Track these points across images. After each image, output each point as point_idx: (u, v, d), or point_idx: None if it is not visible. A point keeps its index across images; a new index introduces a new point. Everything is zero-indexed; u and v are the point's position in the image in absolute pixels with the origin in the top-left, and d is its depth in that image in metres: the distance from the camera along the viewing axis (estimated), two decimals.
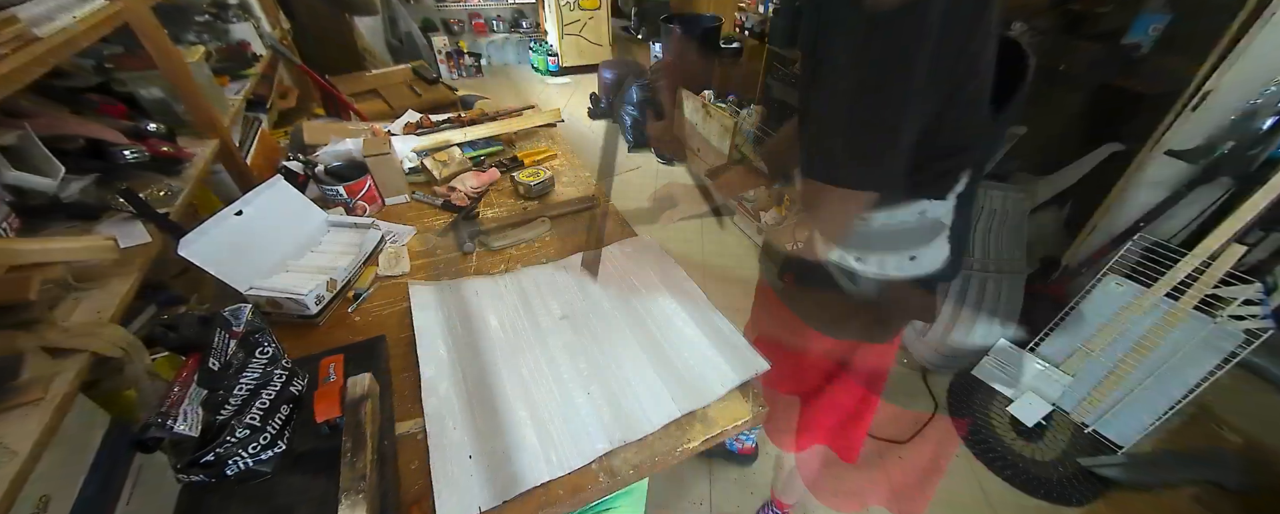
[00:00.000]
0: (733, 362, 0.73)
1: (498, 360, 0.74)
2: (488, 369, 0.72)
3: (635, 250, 0.96)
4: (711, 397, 0.68)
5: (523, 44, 4.93)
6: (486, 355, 0.74)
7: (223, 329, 0.61)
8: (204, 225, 0.78)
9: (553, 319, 0.81)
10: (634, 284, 0.87)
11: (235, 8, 1.77)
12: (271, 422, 0.62)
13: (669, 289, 0.86)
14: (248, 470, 0.59)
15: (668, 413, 0.66)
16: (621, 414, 0.66)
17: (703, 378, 0.71)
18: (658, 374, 0.71)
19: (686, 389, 0.69)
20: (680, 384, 0.70)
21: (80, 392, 0.65)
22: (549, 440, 0.63)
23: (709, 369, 0.72)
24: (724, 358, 0.73)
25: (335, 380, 0.66)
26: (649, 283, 0.88)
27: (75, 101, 1.05)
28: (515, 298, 0.85)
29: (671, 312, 0.82)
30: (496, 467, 0.60)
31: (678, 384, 0.70)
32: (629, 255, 0.95)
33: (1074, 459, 1.50)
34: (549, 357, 0.74)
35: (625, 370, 0.72)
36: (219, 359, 0.59)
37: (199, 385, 0.57)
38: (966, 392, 1.71)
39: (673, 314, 0.81)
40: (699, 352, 0.75)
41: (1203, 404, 1.49)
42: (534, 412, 0.66)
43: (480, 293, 0.86)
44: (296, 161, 1.14)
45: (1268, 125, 1.33)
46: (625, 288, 0.87)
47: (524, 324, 0.80)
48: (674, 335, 0.78)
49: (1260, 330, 1.29)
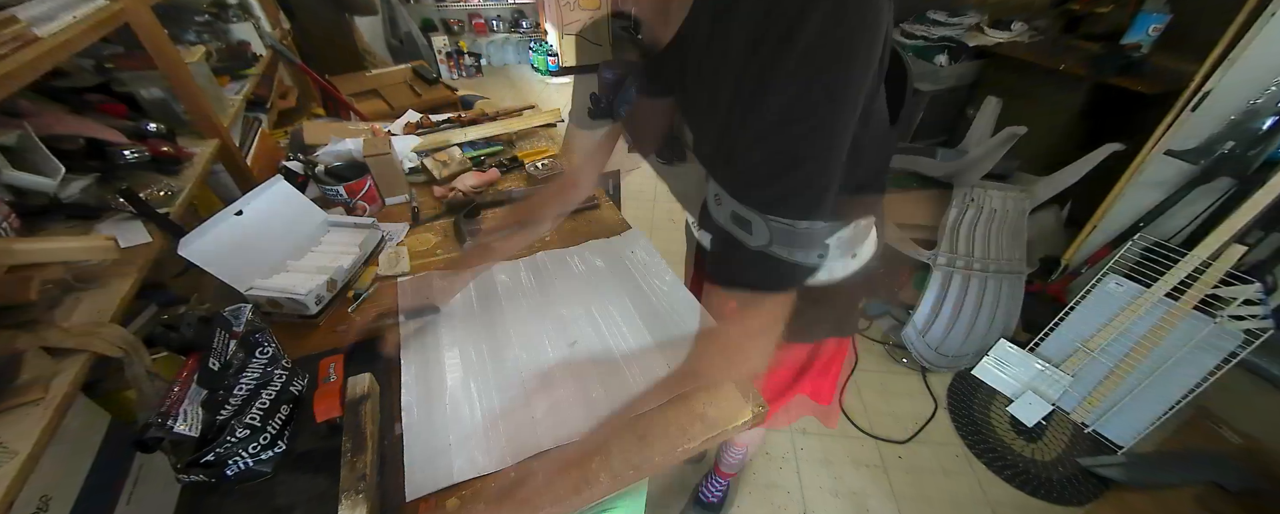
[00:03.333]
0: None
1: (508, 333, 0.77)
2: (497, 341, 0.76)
3: (623, 243, 0.97)
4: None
5: (523, 44, 4.93)
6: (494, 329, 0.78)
7: (223, 329, 0.61)
8: (204, 225, 0.77)
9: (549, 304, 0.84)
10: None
11: (235, 8, 1.77)
12: (271, 422, 0.62)
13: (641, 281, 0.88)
14: (248, 470, 0.59)
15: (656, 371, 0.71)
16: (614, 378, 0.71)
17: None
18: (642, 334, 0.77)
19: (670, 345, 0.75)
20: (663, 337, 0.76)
21: (80, 392, 0.65)
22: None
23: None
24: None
25: (335, 380, 0.66)
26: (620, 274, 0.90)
27: (75, 101, 1.05)
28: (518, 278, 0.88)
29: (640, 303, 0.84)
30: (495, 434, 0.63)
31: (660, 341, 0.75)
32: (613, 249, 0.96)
33: (1074, 459, 1.50)
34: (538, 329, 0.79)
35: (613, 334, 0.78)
36: (219, 359, 0.59)
37: (199, 385, 0.57)
38: (966, 392, 1.71)
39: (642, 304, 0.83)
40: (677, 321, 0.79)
41: (1203, 404, 1.49)
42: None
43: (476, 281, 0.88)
44: (296, 161, 1.14)
45: (1268, 125, 1.33)
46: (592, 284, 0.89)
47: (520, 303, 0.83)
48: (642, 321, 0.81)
49: (1260, 330, 1.29)
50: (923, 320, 1.74)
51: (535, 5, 4.74)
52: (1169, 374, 1.41)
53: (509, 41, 4.94)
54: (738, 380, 0.68)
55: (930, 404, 1.69)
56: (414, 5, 4.41)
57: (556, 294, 0.86)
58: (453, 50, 4.48)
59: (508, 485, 0.57)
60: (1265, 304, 1.31)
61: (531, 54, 4.78)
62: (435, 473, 0.59)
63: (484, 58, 4.80)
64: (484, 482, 0.59)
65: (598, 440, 0.61)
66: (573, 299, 0.85)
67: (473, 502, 0.57)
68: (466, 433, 0.64)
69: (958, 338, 1.72)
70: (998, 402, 1.67)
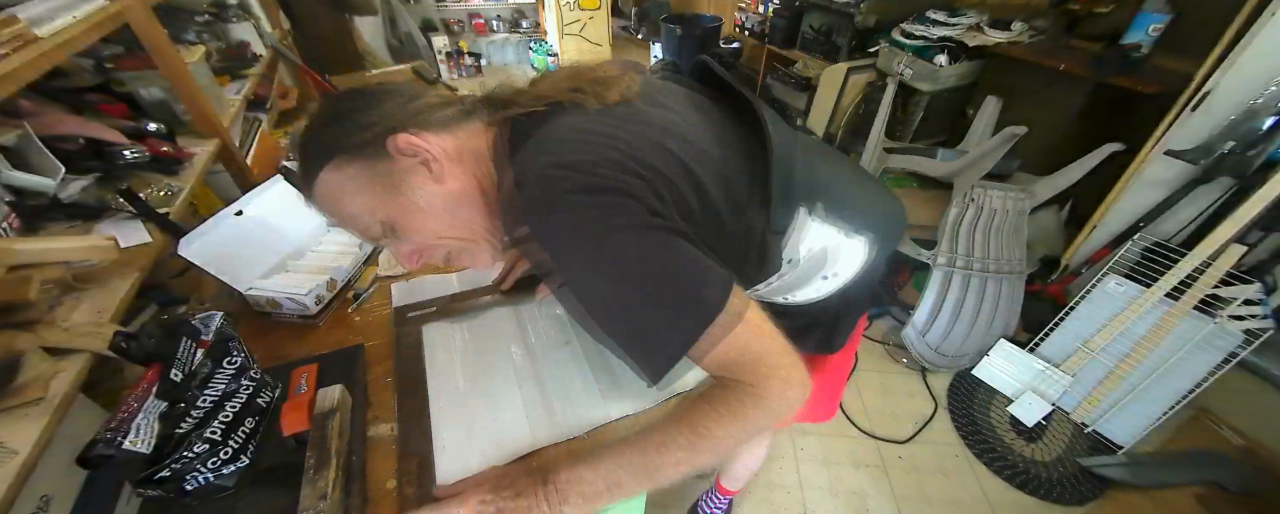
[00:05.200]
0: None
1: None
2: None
3: None
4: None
5: (523, 44, 4.93)
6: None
7: (190, 338, 0.58)
8: (204, 225, 0.77)
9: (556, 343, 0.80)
10: None
11: (235, 8, 1.77)
12: (234, 435, 0.59)
13: None
14: (208, 485, 0.57)
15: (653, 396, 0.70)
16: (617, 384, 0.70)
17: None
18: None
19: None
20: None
21: (80, 392, 0.64)
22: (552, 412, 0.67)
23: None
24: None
25: (306, 392, 0.64)
26: None
27: (75, 101, 1.05)
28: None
29: None
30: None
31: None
32: None
33: (1074, 459, 1.50)
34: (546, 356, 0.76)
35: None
36: (183, 370, 0.56)
37: (158, 398, 0.54)
38: (966, 392, 1.71)
39: None
40: None
41: (1203, 404, 1.49)
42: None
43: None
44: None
45: (1268, 125, 1.33)
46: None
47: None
48: None
49: (1260, 330, 1.29)
50: (923, 320, 1.74)
51: (535, 5, 4.74)
52: (1169, 374, 1.41)
53: (509, 41, 4.94)
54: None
55: (930, 404, 1.69)
56: (414, 5, 4.41)
57: (553, 297, 0.86)
58: (453, 50, 4.47)
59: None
60: (1265, 304, 1.31)
61: (531, 54, 4.77)
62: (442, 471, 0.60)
63: (484, 58, 4.80)
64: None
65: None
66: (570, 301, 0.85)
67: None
68: (461, 435, 0.64)
69: (958, 338, 1.72)
70: (998, 402, 1.67)
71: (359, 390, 0.69)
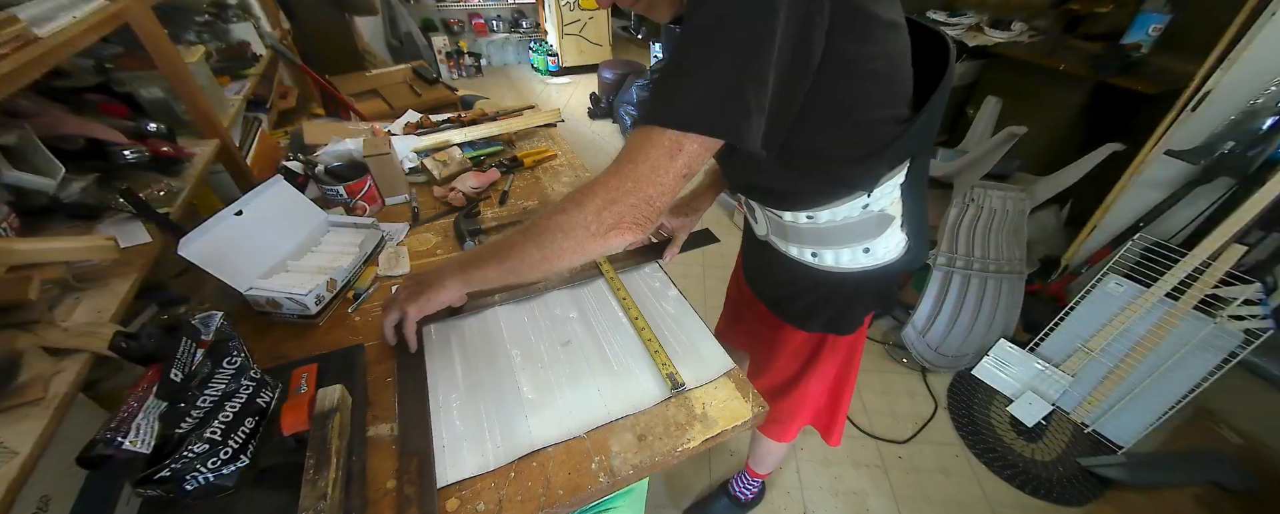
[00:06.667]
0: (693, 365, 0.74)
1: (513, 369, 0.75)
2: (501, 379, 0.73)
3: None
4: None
5: (523, 44, 4.93)
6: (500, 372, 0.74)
7: (190, 338, 0.58)
8: (204, 225, 0.77)
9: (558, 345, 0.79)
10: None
11: (235, 8, 1.77)
12: (234, 435, 0.59)
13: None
14: (208, 485, 0.57)
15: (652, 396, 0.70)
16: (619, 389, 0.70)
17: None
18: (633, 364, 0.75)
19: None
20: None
21: (80, 392, 0.64)
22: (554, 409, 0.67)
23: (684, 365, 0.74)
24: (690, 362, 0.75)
25: (306, 391, 0.63)
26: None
27: (75, 101, 1.05)
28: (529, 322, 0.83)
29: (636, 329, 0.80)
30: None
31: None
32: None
33: (1074, 459, 1.50)
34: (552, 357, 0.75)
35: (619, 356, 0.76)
36: (183, 370, 0.56)
37: (158, 398, 0.54)
38: (966, 392, 1.71)
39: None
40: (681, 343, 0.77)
41: (1203, 404, 1.49)
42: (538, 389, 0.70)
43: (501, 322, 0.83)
44: (296, 161, 1.14)
45: (1268, 125, 1.33)
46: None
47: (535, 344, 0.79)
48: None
49: (1260, 330, 1.29)
50: (923, 320, 1.74)
51: (535, 5, 4.74)
52: (1169, 374, 1.41)
53: (509, 41, 4.94)
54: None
55: (930, 404, 1.69)
56: (414, 5, 4.41)
57: (552, 297, 0.86)
58: (453, 50, 4.48)
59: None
60: (1265, 304, 1.31)
61: (531, 54, 4.78)
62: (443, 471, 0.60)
63: (484, 58, 4.80)
64: (482, 480, 0.59)
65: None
66: (568, 301, 0.85)
67: (472, 502, 0.57)
68: (460, 435, 0.64)
69: (958, 338, 1.72)
70: (998, 402, 1.67)
71: (359, 390, 0.69)
